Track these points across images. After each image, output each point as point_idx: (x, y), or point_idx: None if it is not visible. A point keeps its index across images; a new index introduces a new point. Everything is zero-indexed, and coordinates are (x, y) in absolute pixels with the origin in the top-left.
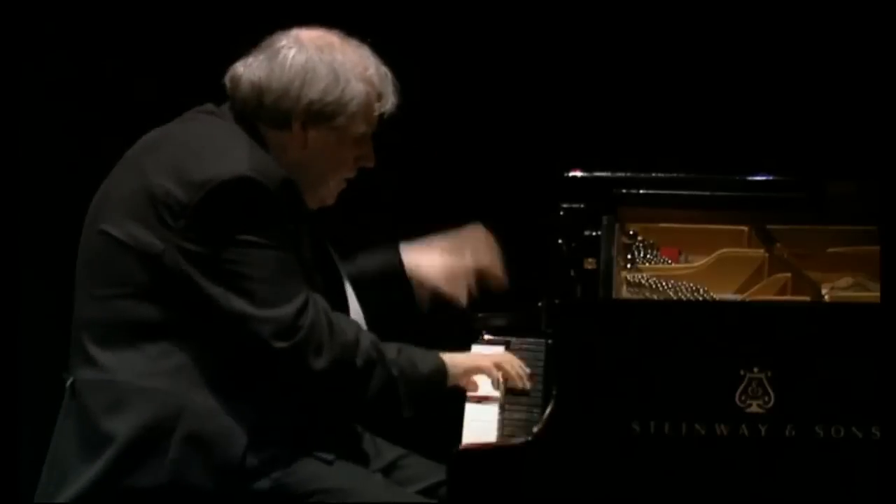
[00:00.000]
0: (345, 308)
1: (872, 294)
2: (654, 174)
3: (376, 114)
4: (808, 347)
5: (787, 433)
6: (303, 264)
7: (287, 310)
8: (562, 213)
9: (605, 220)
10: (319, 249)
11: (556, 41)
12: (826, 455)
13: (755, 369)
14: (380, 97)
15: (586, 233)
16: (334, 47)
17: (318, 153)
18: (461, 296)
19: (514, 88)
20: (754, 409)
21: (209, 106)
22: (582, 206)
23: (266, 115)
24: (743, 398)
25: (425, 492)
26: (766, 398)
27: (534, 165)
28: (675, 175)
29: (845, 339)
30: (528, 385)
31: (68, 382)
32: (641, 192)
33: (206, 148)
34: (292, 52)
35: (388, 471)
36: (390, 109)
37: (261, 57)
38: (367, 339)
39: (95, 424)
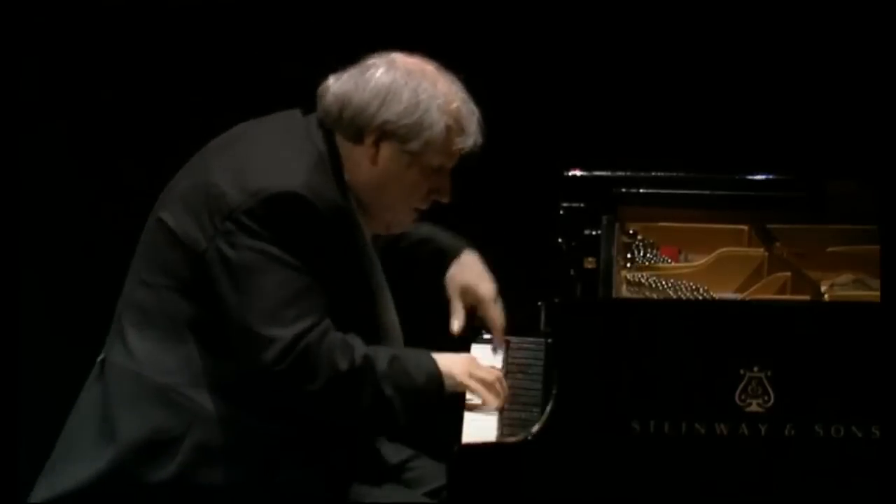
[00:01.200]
0: (377, 338)
1: (872, 292)
2: (653, 173)
3: (455, 148)
4: (808, 347)
5: (786, 432)
6: (337, 292)
7: (290, 332)
8: (562, 212)
9: (604, 219)
10: (365, 279)
11: (556, 41)
12: (826, 454)
13: (755, 368)
14: (462, 132)
15: (586, 232)
16: (425, 75)
17: (388, 174)
18: (457, 320)
19: (514, 88)
20: (754, 408)
21: (296, 111)
22: (582, 205)
23: (343, 127)
24: (743, 397)
25: (434, 493)
26: (766, 397)
27: (534, 165)
28: (674, 174)
29: (845, 338)
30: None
31: (99, 358)
32: (641, 191)
33: (271, 157)
34: (380, 72)
35: (395, 472)
36: (472, 148)
37: (352, 71)
38: (361, 355)
39: (113, 412)
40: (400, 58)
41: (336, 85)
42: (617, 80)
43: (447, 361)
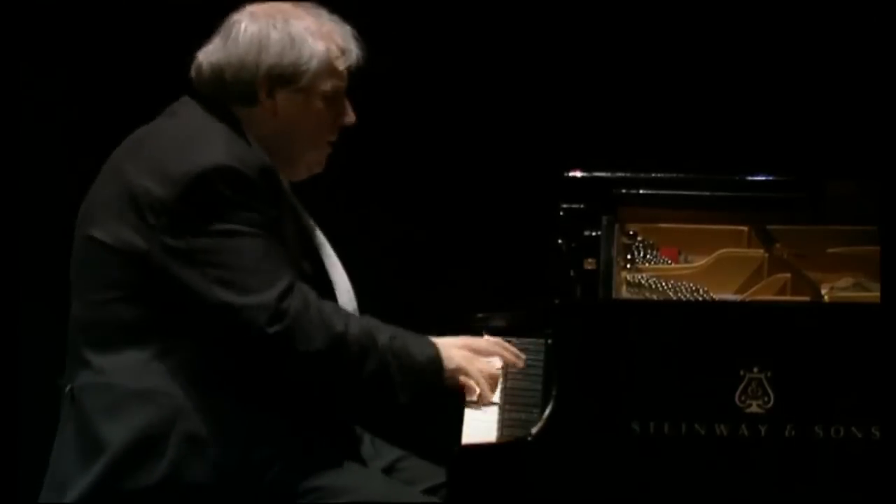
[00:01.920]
0: (330, 288)
1: (872, 294)
2: (653, 174)
3: (342, 68)
4: (808, 347)
5: (786, 433)
6: (287, 250)
7: (270, 295)
8: (562, 213)
9: (604, 220)
10: (305, 235)
11: (556, 41)
12: (825, 455)
13: (755, 369)
14: (343, 51)
15: (586, 233)
16: (287, 13)
17: (292, 119)
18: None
19: (514, 88)
20: (754, 409)
21: (185, 98)
22: (582, 206)
23: (232, 93)
24: (742, 398)
25: (425, 493)
26: (766, 398)
27: (534, 166)
28: (674, 175)
29: (845, 339)
30: (521, 363)
31: (67, 389)
32: (641, 192)
33: (182, 142)
34: (243, 25)
35: (387, 472)
36: (356, 62)
37: (216, 39)
38: (358, 325)
39: (94, 428)
40: (256, 7)
41: (207, 56)
42: (617, 82)
43: (447, 346)
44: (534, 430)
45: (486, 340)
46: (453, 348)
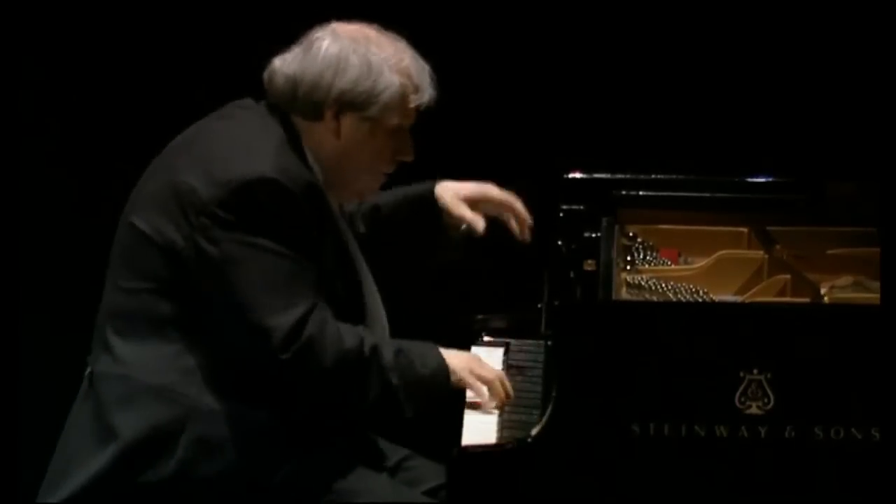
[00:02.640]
0: (362, 312)
1: (872, 295)
2: (653, 176)
3: (412, 106)
4: (808, 349)
5: (786, 435)
6: (322, 270)
7: (286, 319)
8: (561, 214)
9: (604, 221)
10: (344, 257)
11: (556, 42)
12: (825, 457)
13: (755, 371)
14: (416, 89)
15: (586, 234)
16: (370, 39)
17: (352, 144)
18: (478, 220)
19: (513, 89)
20: (754, 410)
21: (248, 101)
22: (581, 207)
23: (300, 106)
24: (742, 400)
25: (429, 493)
26: (766, 400)
27: (534, 167)
28: (674, 177)
29: (845, 340)
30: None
31: (87, 370)
32: (641, 193)
33: (234, 146)
34: (325, 44)
35: (392, 472)
36: (428, 102)
37: (296, 50)
38: (367, 346)
39: (107, 417)
40: (341, 27)
41: (284, 65)
42: (617, 83)
43: (450, 357)
44: (533, 432)
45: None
46: (456, 358)
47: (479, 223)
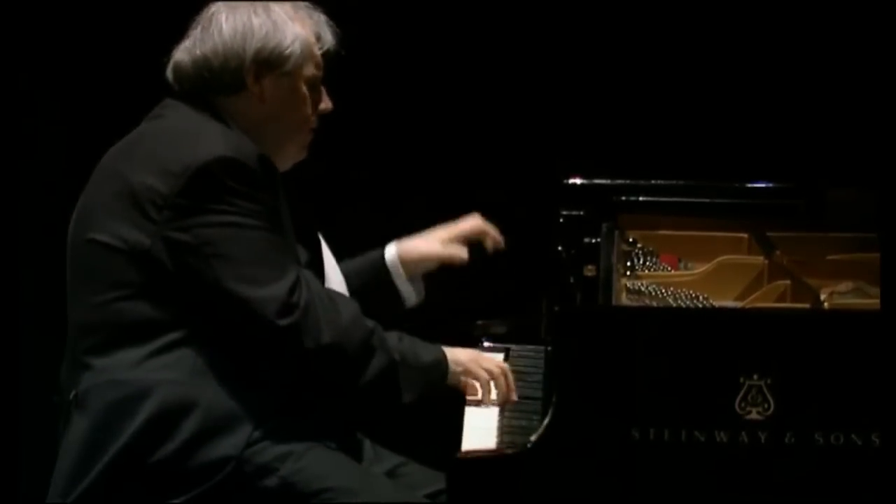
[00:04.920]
0: (323, 281)
1: (872, 301)
2: (653, 181)
3: (319, 54)
4: (808, 354)
5: (786, 440)
6: (287, 239)
7: (280, 288)
8: (561, 220)
9: (604, 227)
10: (300, 223)
11: (556, 47)
12: (825, 462)
13: (755, 376)
14: (318, 37)
15: (586, 240)
16: (264, 2)
17: (279, 103)
18: (461, 252)
19: (514, 95)
20: (754, 416)
21: (168, 100)
22: (581, 213)
23: (218, 84)
24: (742, 405)
25: (426, 498)
26: (766, 405)
27: (533, 173)
28: (674, 182)
29: (845, 346)
30: (514, 398)
31: (71, 395)
32: (641, 199)
33: (179, 138)
34: (223, 16)
35: (387, 477)
36: (332, 47)
37: (195, 34)
38: (368, 321)
39: (105, 422)
40: (227, 2)
41: (188, 52)
42: (616, 88)
43: (454, 351)
44: (533, 437)
45: (494, 362)
46: (460, 352)
47: (459, 256)
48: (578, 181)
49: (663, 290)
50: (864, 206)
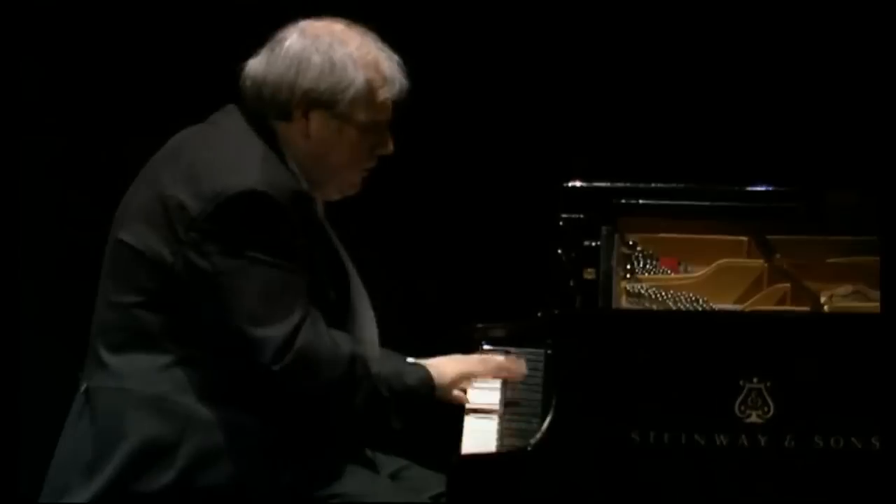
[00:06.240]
0: (352, 318)
1: (872, 304)
2: (653, 184)
3: (381, 100)
4: (808, 358)
5: (786, 443)
6: (313, 278)
7: (279, 330)
8: (561, 223)
9: (604, 230)
10: (335, 263)
11: (556, 50)
12: (825, 465)
13: (754, 379)
14: (384, 82)
15: (586, 243)
16: (334, 35)
17: (323, 143)
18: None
19: (514, 99)
20: (754, 419)
21: (230, 107)
22: (581, 216)
23: (269, 108)
24: (742, 408)
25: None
26: (766, 408)
27: (533, 176)
28: (674, 185)
29: (844, 349)
30: (523, 370)
31: (82, 388)
32: (641, 202)
33: (219, 158)
34: (288, 43)
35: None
36: (399, 94)
37: (264, 51)
38: (358, 359)
39: (104, 432)
40: (307, 24)
41: (252, 68)
42: (617, 92)
43: (439, 362)
44: (533, 440)
45: (482, 361)
46: (446, 364)
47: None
48: (578, 184)
49: (663, 293)
50: (864, 209)
